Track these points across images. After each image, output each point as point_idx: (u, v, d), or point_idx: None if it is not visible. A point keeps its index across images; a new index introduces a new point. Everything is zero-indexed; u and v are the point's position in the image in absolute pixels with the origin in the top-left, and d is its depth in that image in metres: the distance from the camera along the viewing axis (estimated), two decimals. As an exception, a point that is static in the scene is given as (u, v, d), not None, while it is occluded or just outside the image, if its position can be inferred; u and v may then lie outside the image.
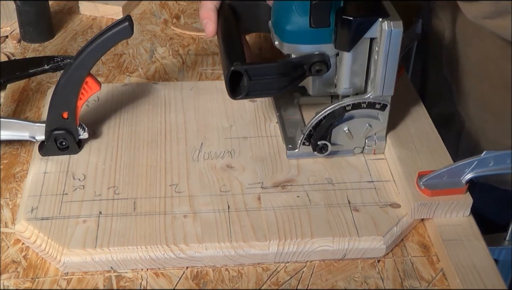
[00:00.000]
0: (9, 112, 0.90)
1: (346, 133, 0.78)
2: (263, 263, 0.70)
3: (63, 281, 0.67)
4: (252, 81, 0.75)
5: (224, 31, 0.83)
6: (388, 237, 0.71)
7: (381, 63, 0.73)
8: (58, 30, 1.09)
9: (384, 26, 0.71)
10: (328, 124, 0.77)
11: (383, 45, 0.72)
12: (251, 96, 0.77)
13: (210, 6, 0.84)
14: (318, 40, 0.75)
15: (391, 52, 0.72)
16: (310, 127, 0.78)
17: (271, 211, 0.73)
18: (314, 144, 0.78)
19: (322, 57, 0.76)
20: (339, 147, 0.80)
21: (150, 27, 1.11)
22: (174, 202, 0.74)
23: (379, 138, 0.80)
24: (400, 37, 0.71)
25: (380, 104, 0.77)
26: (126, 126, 0.85)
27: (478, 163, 0.72)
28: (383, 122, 0.79)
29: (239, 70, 0.74)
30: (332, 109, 0.76)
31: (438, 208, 0.73)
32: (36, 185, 0.75)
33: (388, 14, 0.71)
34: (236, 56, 0.76)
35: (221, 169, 0.79)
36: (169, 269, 0.69)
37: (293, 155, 0.80)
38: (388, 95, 0.76)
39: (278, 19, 0.77)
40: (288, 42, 0.76)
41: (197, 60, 1.02)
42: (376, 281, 0.68)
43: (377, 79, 0.74)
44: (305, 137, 0.78)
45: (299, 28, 0.75)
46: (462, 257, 0.69)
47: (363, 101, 0.76)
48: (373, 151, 0.81)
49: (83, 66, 0.75)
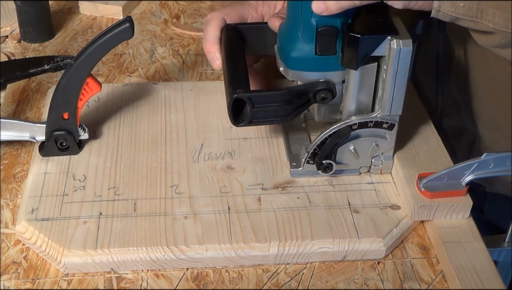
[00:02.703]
0: (9, 112, 0.90)
1: (352, 152, 0.76)
2: (263, 265, 0.70)
3: (64, 282, 0.68)
4: (255, 108, 0.73)
5: (227, 56, 0.80)
6: (388, 238, 0.71)
7: (390, 82, 0.70)
8: (58, 30, 1.09)
9: (393, 45, 0.68)
10: (333, 143, 0.74)
11: (392, 64, 0.69)
12: (254, 124, 0.75)
13: (214, 38, 0.82)
14: (323, 68, 0.73)
15: (400, 71, 0.70)
16: (314, 145, 0.75)
17: (271, 212, 0.73)
18: (318, 163, 0.76)
19: (328, 84, 0.74)
20: (345, 166, 0.77)
21: (150, 27, 1.11)
22: (175, 203, 0.74)
23: (386, 158, 0.77)
24: (410, 55, 0.69)
25: (388, 123, 0.74)
26: (126, 127, 0.85)
27: (478, 165, 0.72)
28: (390, 142, 0.76)
29: (241, 98, 0.72)
30: (337, 128, 0.74)
31: (438, 210, 0.73)
32: (36, 186, 0.75)
33: (397, 32, 0.69)
34: (239, 83, 0.74)
35: (221, 170, 0.79)
36: (170, 270, 0.69)
37: (296, 173, 0.77)
38: (396, 114, 0.73)
39: (283, 45, 0.75)
40: (293, 69, 0.74)
41: (197, 60, 1.02)
42: (376, 283, 0.68)
43: (385, 98, 0.72)
44: (309, 156, 0.76)
45: (304, 55, 0.72)
46: (461, 259, 0.69)
47: (370, 120, 0.74)
48: (380, 171, 0.78)
49: (84, 67, 0.75)
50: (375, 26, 0.70)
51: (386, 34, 0.69)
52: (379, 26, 0.70)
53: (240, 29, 0.83)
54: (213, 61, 0.82)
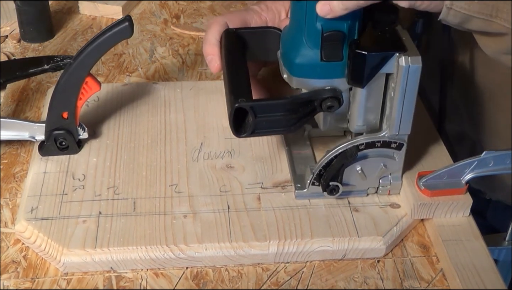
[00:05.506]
0: (9, 112, 0.90)
1: (359, 173, 0.72)
2: (263, 263, 0.70)
3: (63, 281, 0.67)
4: (258, 118, 0.69)
5: (228, 63, 0.76)
6: (388, 237, 0.71)
7: (398, 100, 0.67)
8: (58, 30, 1.09)
9: (401, 62, 0.65)
10: (339, 165, 0.71)
11: (400, 82, 0.66)
12: (256, 134, 0.71)
13: (214, 41, 0.79)
14: (329, 75, 0.69)
15: (409, 89, 0.66)
16: (320, 166, 0.72)
17: (271, 211, 0.73)
18: (324, 185, 0.72)
19: (334, 92, 0.69)
20: (351, 188, 0.74)
21: (150, 27, 1.11)
22: (174, 202, 0.74)
23: (395, 178, 0.74)
24: (419, 73, 0.65)
25: (396, 143, 0.71)
26: (126, 126, 0.85)
27: (478, 163, 0.72)
28: (399, 162, 0.72)
29: (244, 107, 0.68)
30: (344, 148, 0.70)
31: (438, 208, 0.73)
32: (36, 185, 0.75)
33: (406, 48, 0.66)
34: (240, 91, 0.70)
35: (221, 169, 0.79)
36: (169, 269, 0.69)
37: (301, 195, 0.74)
38: (405, 133, 0.70)
39: (287, 51, 0.71)
40: (297, 76, 0.70)
41: (197, 60, 1.02)
42: (376, 281, 0.68)
43: (393, 117, 0.69)
44: (314, 177, 0.73)
45: (309, 62, 0.68)
46: (462, 257, 0.69)
47: (378, 140, 0.70)
48: (388, 191, 0.75)
49: (83, 66, 0.75)
50: (383, 42, 0.67)
51: (394, 51, 0.66)
52: (387, 42, 0.67)
53: (241, 34, 0.79)
54: (211, 64, 0.79)
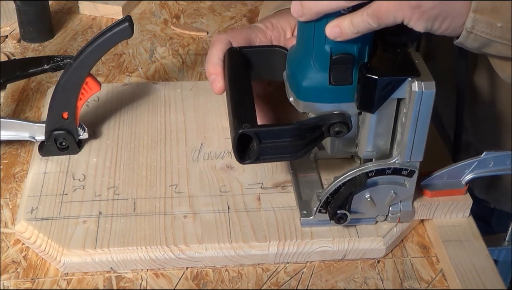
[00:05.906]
0: (9, 112, 0.90)
1: (368, 200, 0.69)
2: (263, 264, 0.70)
3: (63, 282, 0.67)
4: (263, 144, 0.65)
5: (232, 84, 0.72)
6: (388, 237, 0.71)
7: (410, 127, 0.64)
8: (58, 30, 1.09)
9: (414, 87, 0.62)
10: (347, 192, 0.68)
11: (413, 108, 0.63)
12: (261, 161, 0.67)
13: (217, 60, 0.75)
14: (338, 99, 0.66)
15: (422, 115, 0.63)
16: (327, 193, 0.69)
17: (271, 211, 0.73)
18: (331, 213, 0.69)
19: (343, 117, 0.66)
20: (360, 215, 0.71)
21: (150, 27, 1.11)
22: (174, 203, 0.74)
23: (405, 206, 0.71)
24: (433, 99, 0.62)
25: (407, 170, 0.68)
26: (126, 126, 0.85)
27: (478, 164, 0.72)
28: (410, 189, 0.69)
29: (248, 133, 0.65)
30: (352, 176, 0.67)
31: (438, 208, 0.73)
32: (36, 185, 0.75)
33: (419, 73, 0.62)
34: (244, 116, 0.67)
35: (221, 169, 0.79)
36: (169, 270, 0.69)
37: (307, 223, 0.71)
38: (417, 160, 0.67)
39: (294, 73, 0.68)
40: (304, 100, 0.67)
41: (197, 60, 1.02)
42: (376, 282, 0.68)
43: (404, 143, 0.66)
44: (321, 204, 0.69)
45: (317, 85, 0.65)
46: (461, 257, 0.69)
47: (388, 167, 0.67)
48: (398, 219, 0.72)
49: (83, 66, 0.75)
50: (394, 65, 0.64)
51: (407, 76, 0.63)
52: (399, 65, 0.64)
53: (245, 53, 0.75)
54: (214, 84, 0.75)
